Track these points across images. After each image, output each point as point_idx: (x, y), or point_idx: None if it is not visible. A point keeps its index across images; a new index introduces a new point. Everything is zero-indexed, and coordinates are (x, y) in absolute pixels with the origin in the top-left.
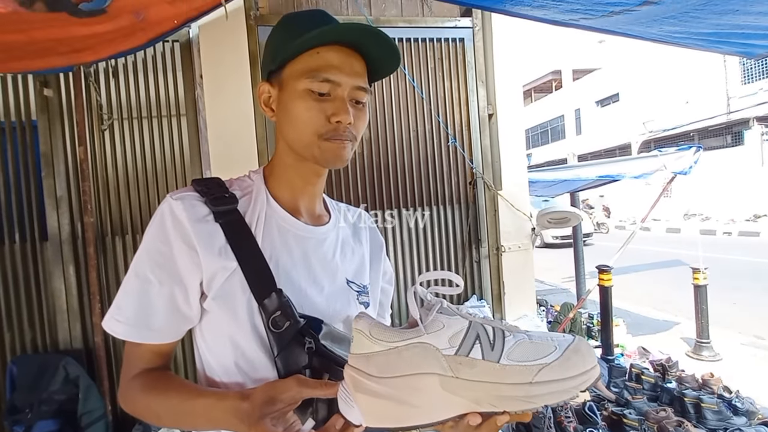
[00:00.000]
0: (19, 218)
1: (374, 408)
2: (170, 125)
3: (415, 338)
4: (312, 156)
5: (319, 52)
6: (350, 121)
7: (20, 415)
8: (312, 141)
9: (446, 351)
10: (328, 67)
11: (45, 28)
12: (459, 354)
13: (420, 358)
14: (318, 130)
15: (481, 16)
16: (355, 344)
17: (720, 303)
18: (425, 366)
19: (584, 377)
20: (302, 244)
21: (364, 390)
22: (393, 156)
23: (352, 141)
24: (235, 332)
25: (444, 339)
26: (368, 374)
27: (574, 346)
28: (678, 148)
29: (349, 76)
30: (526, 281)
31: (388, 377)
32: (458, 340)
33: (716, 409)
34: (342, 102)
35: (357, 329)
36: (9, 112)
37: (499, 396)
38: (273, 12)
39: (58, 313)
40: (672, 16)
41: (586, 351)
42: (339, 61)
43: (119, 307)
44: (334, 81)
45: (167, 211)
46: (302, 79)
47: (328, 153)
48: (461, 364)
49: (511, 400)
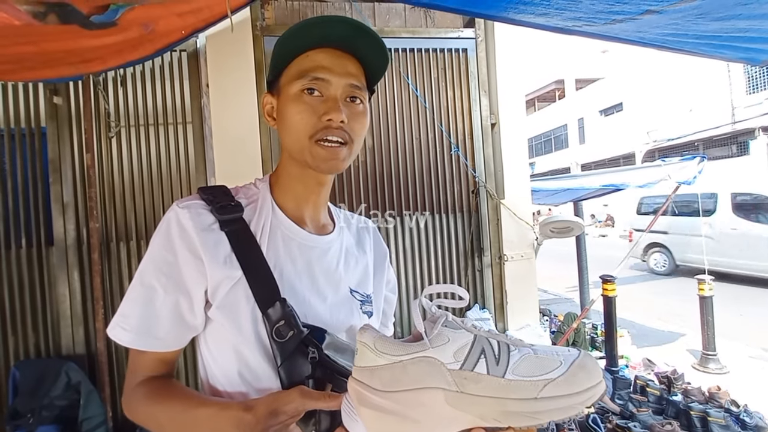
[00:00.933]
0: (25, 223)
1: (378, 423)
2: (176, 133)
3: (420, 352)
4: (304, 159)
5: (308, 55)
6: (342, 119)
7: (22, 420)
8: (304, 144)
9: (451, 365)
10: (318, 68)
11: (56, 40)
12: (464, 369)
13: (425, 373)
14: (309, 130)
15: (484, 26)
16: (359, 357)
17: (727, 315)
18: (430, 381)
19: (590, 393)
20: (306, 253)
21: (368, 404)
22: (396, 164)
23: (347, 144)
24: (238, 341)
25: (449, 353)
26: (372, 388)
27: (579, 362)
28: (682, 158)
29: (340, 75)
30: (528, 290)
31: (392, 391)
32: (463, 355)
33: (724, 424)
34: (334, 101)
35: (362, 342)
36: (19, 119)
37: (504, 411)
38: (279, 23)
39: (62, 318)
40: (674, 24)
41: (592, 366)
42: (329, 61)
43: (124, 315)
44: (324, 79)
45: (173, 220)
46: (294, 82)
47: (319, 158)
48: (466, 378)
49: (515, 415)
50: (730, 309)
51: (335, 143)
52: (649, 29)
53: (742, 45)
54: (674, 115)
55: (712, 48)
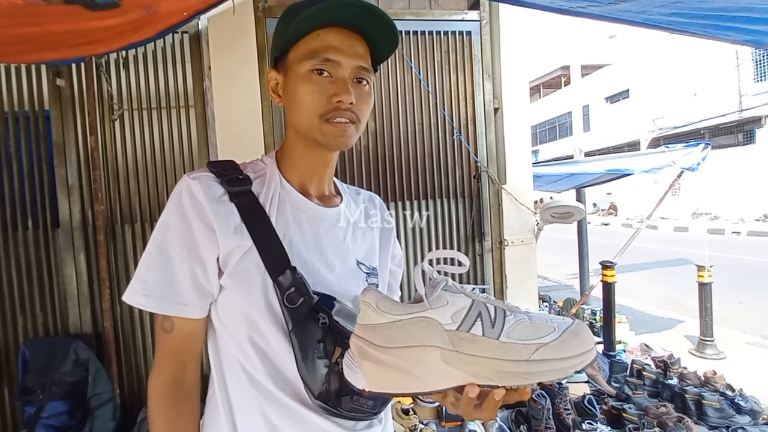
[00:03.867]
0: (31, 205)
1: (378, 375)
2: (179, 116)
3: (419, 313)
4: (314, 139)
5: (319, 34)
6: (351, 101)
7: (32, 396)
8: (314, 123)
9: (448, 326)
10: (329, 48)
11: (60, 21)
12: (460, 329)
13: (423, 331)
14: (319, 110)
15: (489, 8)
16: (361, 316)
17: (726, 302)
18: (428, 339)
19: (580, 359)
20: (315, 225)
21: (369, 358)
22: (398, 148)
23: (355, 123)
24: (249, 308)
25: (447, 315)
26: (374, 344)
27: (573, 329)
28: (686, 144)
29: (349, 56)
30: (528, 275)
31: (392, 347)
32: (461, 317)
33: (718, 407)
34: (343, 82)
35: (364, 301)
36: (23, 101)
37: (497, 371)
38: (281, 4)
39: (69, 299)
40: (678, 3)
41: (585, 334)
42: (339, 42)
43: (144, 281)
44: (334, 60)
45: (185, 190)
46: (304, 62)
47: (329, 135)
48: (462, 339)
49: (508, 375)
50: (730, 297)
51: (344, 122)
52: (652, 8)
53: (747, 26)
54: (681, 103)
55: (717, 30)
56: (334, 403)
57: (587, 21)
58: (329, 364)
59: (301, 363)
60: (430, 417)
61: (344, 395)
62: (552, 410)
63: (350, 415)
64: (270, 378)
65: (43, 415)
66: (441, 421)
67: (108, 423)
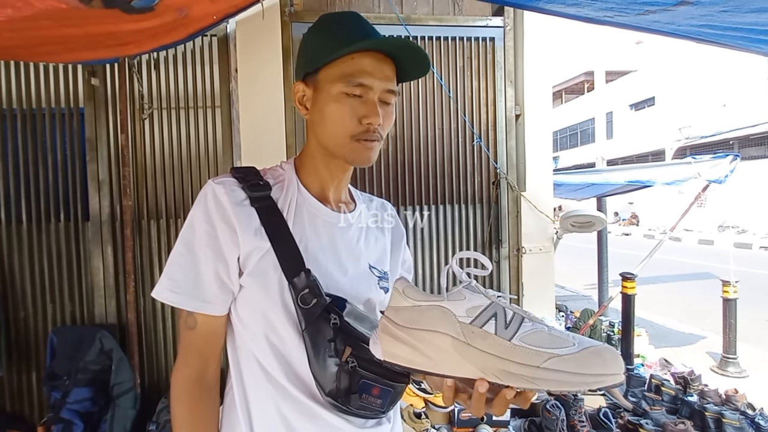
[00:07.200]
0: (64, 199)
1: (391, 347)
2: (205, 116)
3: (437, 302)
4: (342, 155)
5: (353, 57)
6: (380, 122)
7: (58, 382)
8: (344, 141)
9: (462, 318)
10: (362, 73)
11: (99, 23)
12: (473, 324)
13: (437, 318)
14: (350, 131)
15: (513, 15)
16: (391, 299)
17: (751, 320)
18: (441, 326)
19: (598, 379)
20: (330, 229)
21: (388, 333)
22: (417, 153)
23: (379, 141)
24: (266, 307)
25: (462, 308)
26: (394, 322)
27: (596, 349)
28: (713, 155)
29: (380, 80)
30: (545, 284)
31: (408, 327)
32: (475, 313)
33: (738, 426)
34: (373, 105)
35: (395, 287)
36: (59, 99)
37: (505, 371)
38: (307, 9)
39: (96, 290)
40: (709, 15)
41: (610, 358)
42: (372, 67)
43: (172, 278)
44: (366, 85)
45: (210, 194)
46: (337, 83)
47: (356, 153)
48: (474, 333)
49: (515, 377)
50: (756, 314)
51: (371, 141)
52: (683, 20)
53: None
54: (708, 112)
55: (748, 42)
56: (344, 400)
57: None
58: (339, 362)
59: (313, 361)
60: (442, 422)
61: (353, 393)
62: (566, 421)
63: (359, 413)
64: (284, 374)
65: (68, 401)
66: (453, 427)
67: (128, 411)
